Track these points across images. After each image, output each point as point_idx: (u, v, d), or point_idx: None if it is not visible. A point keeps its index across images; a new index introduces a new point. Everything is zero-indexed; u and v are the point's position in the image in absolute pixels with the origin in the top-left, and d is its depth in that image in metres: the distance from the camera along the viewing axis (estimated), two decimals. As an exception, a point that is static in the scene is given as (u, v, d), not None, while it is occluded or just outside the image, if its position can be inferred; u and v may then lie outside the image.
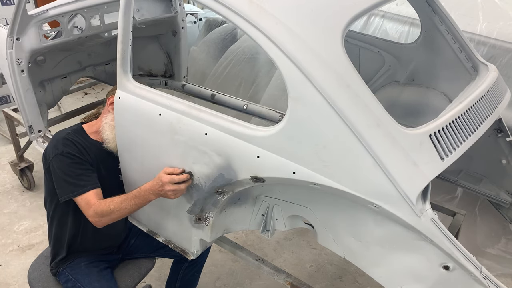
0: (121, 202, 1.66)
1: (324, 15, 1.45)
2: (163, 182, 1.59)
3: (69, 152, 1.72)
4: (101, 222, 1.69)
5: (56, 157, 1.71)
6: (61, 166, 1.71)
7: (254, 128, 1.45)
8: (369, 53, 2.56)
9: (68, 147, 1.73)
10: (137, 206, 1.68)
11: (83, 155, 1.75)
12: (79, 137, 1.80)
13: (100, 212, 1.66)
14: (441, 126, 1.41)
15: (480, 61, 1.99)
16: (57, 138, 1.78)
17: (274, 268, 1.94)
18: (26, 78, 2.65)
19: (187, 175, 1.62)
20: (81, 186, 1.70)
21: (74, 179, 1.70)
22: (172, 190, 1.60)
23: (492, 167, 2.22)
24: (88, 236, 1.87)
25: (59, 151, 1.72)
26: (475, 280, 1.32)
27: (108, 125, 1.83)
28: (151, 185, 1.63)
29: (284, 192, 1.70)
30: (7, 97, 4.82)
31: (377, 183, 1.29)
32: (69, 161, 1.71)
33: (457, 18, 2.09)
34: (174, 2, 3.18)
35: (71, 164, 1.71)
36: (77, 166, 1.72)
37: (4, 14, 4.52)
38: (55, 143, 1.76)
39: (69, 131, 1.82)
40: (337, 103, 1.29)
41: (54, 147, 1.74)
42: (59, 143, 1.74)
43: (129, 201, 1.66)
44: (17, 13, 2.43)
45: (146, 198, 1.65)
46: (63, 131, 1.82)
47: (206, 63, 3.98)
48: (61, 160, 1.71)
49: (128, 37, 1.79)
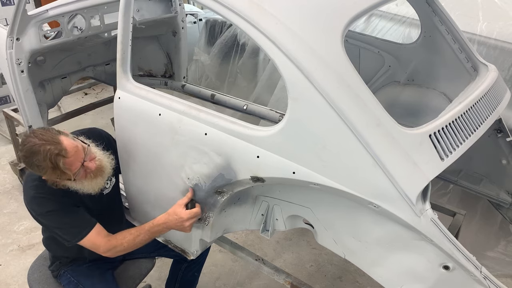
0: (134, 239, 1.67)
1: (324, 15, 1.45)
2: (183, 218, 1.61)
3: (48, 210, 1.63)
4: (116, 255, 1.71)
5: (38, 217, 1.66)
6: (48, 224, 1.68)
7: (254, 128, 1.46)
8: (369, 53, 2.56)
9: (44, 206, 1.63)
10: (150, 239, 1.70)
11: (63, 203, 1.65)
12: (48, 189, 1.63)
13: (112, 249, 1.67)
14: (441, 126, 1.41)
15: (480, 61, 1.99)
16: (28, 197, 1.66)
17: (274, 268, 1.94)
18: (26, 78, 2.64)
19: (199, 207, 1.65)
20: (78, 233, 1.65)
21: (68, 228, 1.66)
22: (191, 224, 1.62)
23: (492, 167, 2.22)
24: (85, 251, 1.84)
25: (37, 213, 1.64)
26: (475, 280, 1.32)
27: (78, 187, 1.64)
28: (167, 220, 1.63)
29: (284, 192, 1.70)
30: (7, 97, 4.82)
31: (377, 183, 1.29)
32: (52, 217, 1.65)
33: (457, 18, 2.09)
34: (174, 2, 3.18)
35: (56, 219, 1.65)
36: (64, 217, 1.64)
37: (4, 14, 4.52)
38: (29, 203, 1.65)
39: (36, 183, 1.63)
40: (337, 103, 1.29)
41: (31, 208, 1.65)
42: (33, 205, 1.64)
43: (142, 236, 1.67)
44: (17, 13, 2.43)
45: (160, 232, 1.68)
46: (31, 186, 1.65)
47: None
48: (45, 219, 1.66)
49: (128, 37, 1.79)
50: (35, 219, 1.68)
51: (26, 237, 3.04)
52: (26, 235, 3.06)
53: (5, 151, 4.11)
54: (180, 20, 3.28)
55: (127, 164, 1.90)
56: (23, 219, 3.22)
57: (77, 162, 1.55)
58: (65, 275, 1.86)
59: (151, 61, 3.57)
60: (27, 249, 2.95)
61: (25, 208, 1.69)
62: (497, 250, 2.70)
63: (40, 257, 2.05)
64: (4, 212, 3.30)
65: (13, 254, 2.91)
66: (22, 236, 3.06)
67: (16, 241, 3.02)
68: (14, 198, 3.45)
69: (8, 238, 3.04)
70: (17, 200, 3.43)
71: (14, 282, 2.68)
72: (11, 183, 3.65)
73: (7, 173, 3.77)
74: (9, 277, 2.72)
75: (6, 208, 3.35)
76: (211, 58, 4.02)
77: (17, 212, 3.29)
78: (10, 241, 3.02)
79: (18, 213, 3.28)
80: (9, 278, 2.71)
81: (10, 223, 3.18)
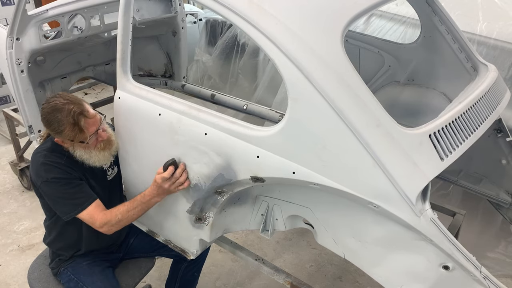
0: (128, 211, 1.70)
1: (324, 15, 1.45)
2: (158, 183, 1.63)
3: (54, 177, 1.68)
4: (111, 230, 1.73)
5: (43, 185, 1.69)
6: (52, 191, 1.70)
7: (254, 128, 1.46)
8: (369, 53, 2.56)
9: (50, 173, 1.68)
10: (144, 211, 1.72)
11: (69, 173, 1.71)
12: (57, 155, 1.72)
13: (108, 222, 1.69)
14: (441, 126, 1.41)
15: (479, 61, 1.99)
16: (36, 165, 1.72)
17: (274, 268, 1.94)
18: (26, 78, 2.64)
19: (172, 167, 1.63)
20: (78, 204, 1.70)
21: (69, 199, 1.70)
22: (170, 185, 1.64)
23: (492, 167, 2.22)
24: (91, 235, 1.87)
25: (43, 179, 1.68)
26: (474, 280, 1.32)
27: (86, 157, 1.73)
28: (152, 189, 1.67)
29: (284, 192, 1.71)
30: (7, 97, 4.82)
31: (376, 183, 1.29)
32: (57, 185, 1.69)
33: (457, 18, 2.09)
34: (174, 2, 3.18)
35: (60, 188, 1.69)
36: (68, 187, 1.69)
37: (4, 14, 4.52)
38: (36, 171, 1.71)
39: (45, 152, 1.73)
40: (337, 103, 1.29)
41: (37, 175, 1.71)
42: (40, 171, 1.69)
43: (135, 207, 1.70)
44: (17, 13, 2.43)
45: (152, 201, 1.70)
46: (40, 154, 1.73)
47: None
48: (49, 186, 1.69)
49: (128, 37, 1.79)
50: (39, 188, 1.72)
51: (26, 237, 3.04)
52: (26, 235, 3.07)
53: (5, 151, 4.11)
54: (180, 20, 3.29)
55: (127, 164, 1.90)
56: (23, 219, 3.22)
57: (93, 127, 1.68)
58: (65, 273, 1.87)
59: (151, 61, 3.57)
60: (27, 249, 2.95)
61: (25, 208, 1.69)
62: (497, 250, 2.69)
63: (40, 256, 2.05)
64: (4, 212, 3.30)
65: (13, 254, 2.91)
66: (22, 236, 3.06)
67: (16, 241, 3.02)
68: (14, 198, 3.45)
69: (8, 238, 3.04)
70: (17, 200, 3.43)
71: (14, 282, 2.69)
72: (11, 183, 3.65)
73: (7, 173, 3.77)
74: (9, 277, 2.72)
75: (6, 208, 3.35)
76: (213, 59, 4.02)
77: (17, 212, 3.29)
78: (10, 241, 3.02)
79: (18, 213, 3.28)
80: (9, 278, 2.71)
81: (10, 223, 3.18)
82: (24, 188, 3.56)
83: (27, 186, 3.53)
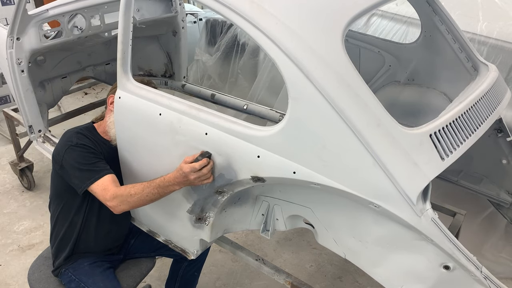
0: (143, 189, 1.62)
1: (325, 14, 1.45)
2: (185, 172, 1.54)
3: (83, 143, 1.76)
4: (119, 208, 1.65)
5: (69, 149, 1.74)
6: (75, 156, 1.73)
7: (254, 128, 1.45)
8: (369, 53, 2.56)
9: (81, 140, 1.78)
10: (159, 196, 1.63)
11: (96, 147, 1.80)
12: (91, 133, 1.86)
13: (119, 196, 1.63)
14: (441, 126, 1.41)
15: (480, 61, 1.99)
16: (70, 133, 1.82)
17: (274, 268, 1.93)
18: (26, 78, 2.65)
19: (206, 159, 1.56)
20: (96, 171, 1.71)
21: (89, 166, 1.72)
22: (196, 177, 1.55)
23: (492, 167, 2.22)
24: (91, 236, 1.88)
25: (72, 143, 1.75)
26: (475, 280, 1.32)
27: (113, 123, 1.86)
28: (175, 176, 1.58)
29: (284, 192, 1.70)
30: (7, 97, 4.82)
31: (377, 183, 1.29)
32: (83, 150, 1.75)
33: (457, 18, 2.09)
34: (174, 2, 3.19)
35: (85, 154, 1.74)
36: (91, 156, 1.75)
37: (4, 14, 4.52)
38: (68, 137, 1.79)
39: (81, 127, 1.88)
40: (337, 102, 1.29)
41: (67, 140, 1.78)
42: (72, 137, 1.78)
43: (151, 189, 1.62)
44: (17, 13, 2.43)
45: (170, 188, 1.61)
46: (75, 128, 1.87)
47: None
48: (75, 151, 1.74)
49: (128, 37, 1.79)
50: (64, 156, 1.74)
51: (26, 237, 3.04)
52: (26, 235, 3.06)
53: (5, 151, 4.11)
54: (180, 20, 3.29)
55: (127, 164, 1.90)
56: (23, 219, 3.22)
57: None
58: (66, 273, 1.87)
59: (151, 61, 3.57)
60: (27, 249, 2.95)
61: (25, 208, 1.71)
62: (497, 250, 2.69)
63: (40, 256, 2.05)
64: (4, 212, 3.30)
65: (13, 254, 2.91)
66: (22, 236, 3.06)
67: (16, 241, 3.02)
68: (14, 198, 3.45)
69: (8, 238, 3.04)
70: (17, 200, 3.43)
71: (14, 282, 2.68)
72: (11, 183, 3.65)
73: (7, 173, 3.77)
74: (9, 277, 2.72)
75: (6, 208, 3.35)
76: (214, 59, 4.02)
77: (17, 212, 3.29)
78: (10, 241, 3.02)
79: (18, 213, 3.28)
80: (9, 278, 2.71)
81: (10, 223, 3.18)
82: (24, 188, 3.56)
83: (27, 186, 3.53)
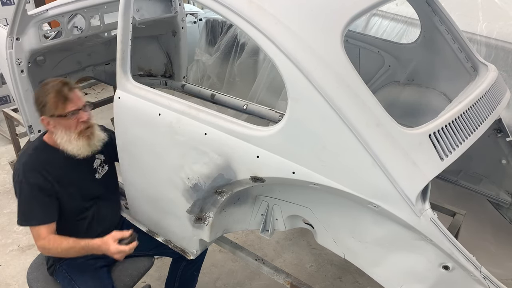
0: (68, 249, 1.73)
1: (324, 15, 1.45)
2: (111, 251, 1.68)
3: (29, 182, 1.72)
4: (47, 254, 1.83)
5: (16, 183, 1.75)
6: (20, 193, 1.76)
7: (254, 128, 1.46)
8: (369, 53, 2.56)
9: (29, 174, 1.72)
10: (81, 254, 1.77)
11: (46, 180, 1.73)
12: (42, 154, 1.78)
13: (47, 249, 1.75)
14: (440, 126, 1.41)
15: (479, 61, 1.99)
16: (20, 162, 1.77)
17: (274, 268, 1.93)
18: (26, 78, 2.64)
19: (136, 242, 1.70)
20: (30, 219, 1.75)
21: (30, 210, 1.74)
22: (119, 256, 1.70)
23: (492, 167, 2.22)
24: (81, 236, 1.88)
25: (19, 178, 1.74)
26: (474, 280, 1.32)
27: (65, 140, 1.75)
28: (99, 246, 1.71)
29: (284, 192, 1.70)
30: (7, 97, 4.82)
31: (376, 183, 1.29)
32: (27, 191, 1.73)
33: (457, 18, 2.09)
34: (174, 2, 3.18)
35: (27, 195, 1.73)
36: (34, 198, 1.73)
37: (4, 14, 4.52)
38: (16, 168, 1.76)
39: (30, 151, 1.80)
40: (337, 103, 1.29)
41: (16, 170, 1.76)
42: (19, 170, 1.74)
43: (77, 249, 1.73)
44: (17, 13, 2.43)
45: (92, 252, 1.74)
46: (26, 153, 1.81)
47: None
48: (20, 188, 1.74)
49: (128, 37, 1.79)
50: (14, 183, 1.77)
51: (26, 237, 3.04)
52: (26, 235, 3.06)
53: (5, 151, 4.11)
54: (180, 20, 3.28)
55: (127, 164, 1.90)
56: (23, 219, 3.21)
57: (76, 103, 1.71)
58: (60, 270, 1.88)
59: (151, 61, 3.56)
60: (27, 249, 2.95)
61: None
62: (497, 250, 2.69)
63: (39, 256, 2.05)
64: (4, 212, 3.30)
65: (13, 254, 2.91)
66: (22, 236, 3.06)
67: (16, 241, 3.02)
68: (14, 198, 3.43)
69: (8, 238, 3.04)
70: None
71: (14, 282, 2.69)
72: (11, 183, 3.64)
73: (7, 173, 3.77)
74: (9, 277, 2.72)
75: (6, 208, 3.35)
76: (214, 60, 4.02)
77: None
78: (10, 241, 3.02)
79: (18, 213, 3.28)
80: (9, 278, 2.71)
81: (10, 223, 3.18)
82: (24, 188, 3.56)
83: (27, 186, 3.53)
